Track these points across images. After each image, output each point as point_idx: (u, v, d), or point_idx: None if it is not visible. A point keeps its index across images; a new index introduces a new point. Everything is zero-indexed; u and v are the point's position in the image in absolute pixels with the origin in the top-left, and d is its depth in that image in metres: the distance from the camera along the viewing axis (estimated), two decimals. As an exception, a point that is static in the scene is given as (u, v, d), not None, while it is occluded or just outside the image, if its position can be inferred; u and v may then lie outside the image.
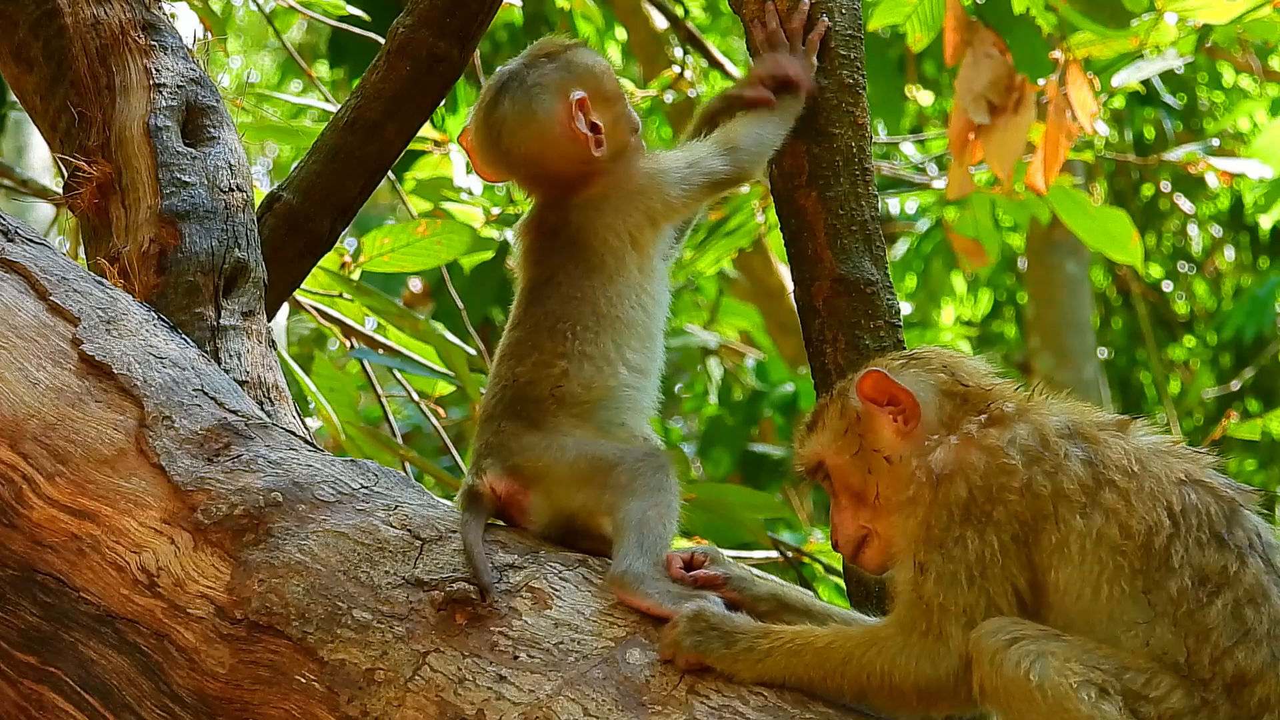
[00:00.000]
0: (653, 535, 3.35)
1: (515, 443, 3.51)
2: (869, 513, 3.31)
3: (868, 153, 3.90)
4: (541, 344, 3.55)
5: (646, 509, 3.37)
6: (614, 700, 3.18)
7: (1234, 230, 14.87)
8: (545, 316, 3.57)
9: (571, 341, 3.54)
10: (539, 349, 3.55)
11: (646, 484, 3.40)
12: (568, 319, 3.55)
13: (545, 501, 3.50)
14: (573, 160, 3.62)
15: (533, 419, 3.52)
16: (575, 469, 3.47)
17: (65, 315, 3.68)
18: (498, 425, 3.55)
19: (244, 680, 3.33)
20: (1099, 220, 7.42)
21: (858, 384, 3.31)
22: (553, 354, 3.54)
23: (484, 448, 3.55)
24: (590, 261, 3.57)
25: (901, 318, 3.86)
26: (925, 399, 3.27)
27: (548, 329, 3.56)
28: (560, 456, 3.48)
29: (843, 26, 3.92)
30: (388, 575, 3.36)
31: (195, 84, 4.40)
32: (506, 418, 3.54)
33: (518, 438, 3.51)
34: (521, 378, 3.55)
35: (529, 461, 3.50)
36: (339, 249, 5.61)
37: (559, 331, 3.55)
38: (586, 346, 3.54)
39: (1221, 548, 3.10)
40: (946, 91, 13.46)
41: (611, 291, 3.57)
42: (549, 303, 3.58)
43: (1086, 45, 6.65)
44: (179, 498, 3.46)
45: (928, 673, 3.13)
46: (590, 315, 3.55)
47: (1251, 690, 3.05)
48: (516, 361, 3.57)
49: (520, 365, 3.56)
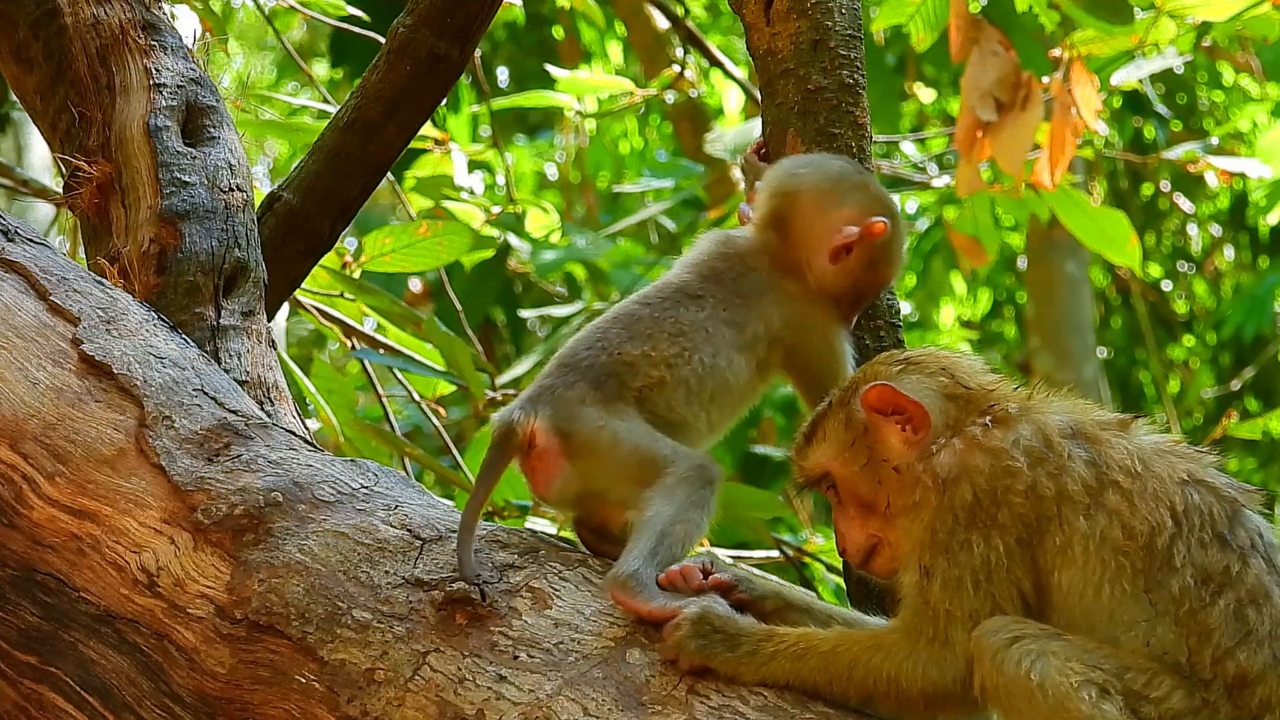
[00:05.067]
0: (668, 550, 3.31)
1: (580, 408, 3.45)
2: (878, 521, 3.29)
3: (868, 153, 3.90)
4: (659, 342, 3.52)
5: (676, 520, 3.34)
6: (614, 700, 3.18)
7: (1234, 229, 14.88)
8: (676, 324, 3.54)
9: (684, 365, 3.51)
10: (654, 344, 3.52)
11: (689, 496, 3.37)
12: (692, 344, 3.53)
13: (580, 478, 3.45)
14: (813, 255, 3.64)
15: (608, 395, 3.46)
16: (628, 459, 3.43)
17: (65, 315, 3.68)
18: (572, 381, 3.48)
19: (244, 680, 3.33)
20: (1098, 221, 7.41)
21: (863, 397, 3.28)
22: (662, 359, 3.50)
23: (544, 393, 3.48)
24: (741, 323, 3.58)
25: (901, 317, 3.85)
26: (930, 405, 3.26)
27: (670, 335, 3.53)
28: (618, 441, 3.43)
29: (843, 26, 3.92)
30: (388, 575, 3.36)
31: (195, 84, 4.40)
32: (586, 380, 3.47)
33: (584, 404, 3.45)
34: (624, 356, 3.50)
35: (584, 431, 3.44)
36: (339, 249, 5.61)
37: (680, 347, 3.52)
38: (691, 379, 3.51)
39: (1224, 548, 3.10)
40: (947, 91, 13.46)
41: (735, 357, 3.55)
42: (686, 315, 3.56)
43: (1087, 43, 6.65)
44: (179, 498, 3.46)
45: (934, 678, 3.12)
46: (710, 357, 3.52)
47: (1253, 691, 3.05)
48: (629, 337, 3.53)
49: (631, 344, 3.51)
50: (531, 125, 14.35)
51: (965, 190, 7.10)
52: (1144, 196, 14.69)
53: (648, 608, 3.26)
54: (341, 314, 6.05)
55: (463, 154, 7.74)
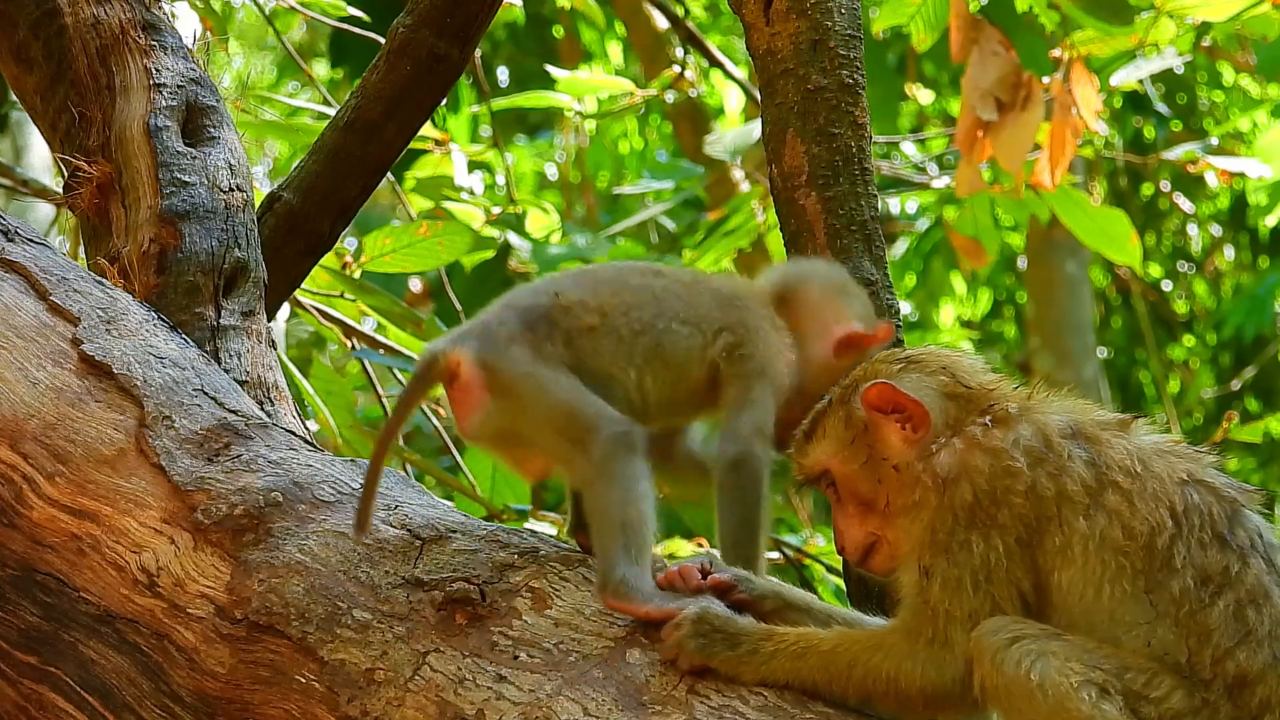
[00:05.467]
0: (636, 538, 3.29)
1: (509, 346, 3.41)
2: (878, 519, 3.29)
3: (868, 153, 3.90)
4: (600, 291, 3.49)
5: (626, 502, 3.31)
6: (614, 700, 3.18)
7: (1234, 229, 14.88)
8: (623, 282, 3.53)
9: (619, 315, 3.48)
10: (595, 293, 3.49)
11: (621, 470, 3.33)
12: (635, 300, 3.50)
13: (501, 414, 3.41)
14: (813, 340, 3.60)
15: (538, 336, 3.43)
16: (551, 409, 3.39)
17: (65, 315, 3.68)
18: (506, 319, 3.45)
19: (244, 680, 3.33)
20: (1098, 220, 7.41)
21: (864, 395, 3.28)
22: (598, 306, 3.47)
23: (476, 327, 3.46)
24: (694, 304, 3.56)
25: (901, 317, 3.85)
26: (930, 404, 3.26)
27: (614, 287, 3.51)
28: (543, 389, 3.39)
29: (842, 26, 3.92)
30: (388, 575, 3.36)
31: (195, 84, 4.41)
32: (520, 319, 3.44)
33: (513, 342, 3.42)
34: (563, 300, 3.46)
35: (509, 370, 3.40)
36: (339, 249, 5.61)
37: (621, 300, 3.49)
38: (624, 329, 3.48)
39: (1224, 548, 3.10)
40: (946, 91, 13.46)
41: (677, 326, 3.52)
42: (638, 280, 3.55)
43: (1087, 43, 6.65)
44: (179, 498, 3.46)
45: (933, 678, 3.12)
46: (650, 316, 3.51)
47: (1252, 691, 3.04)
48: (576, 286, 3.51)
49: (574, 291, 3.49)
50: (531, 125, 14.36)
51: (966, 190, 7.10)
52: (1144, 196, 14.69)
53: (644, 609, 3.25)
54: (341, 314, 6.05)
55: (463, 154, 7.74)
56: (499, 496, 6.01)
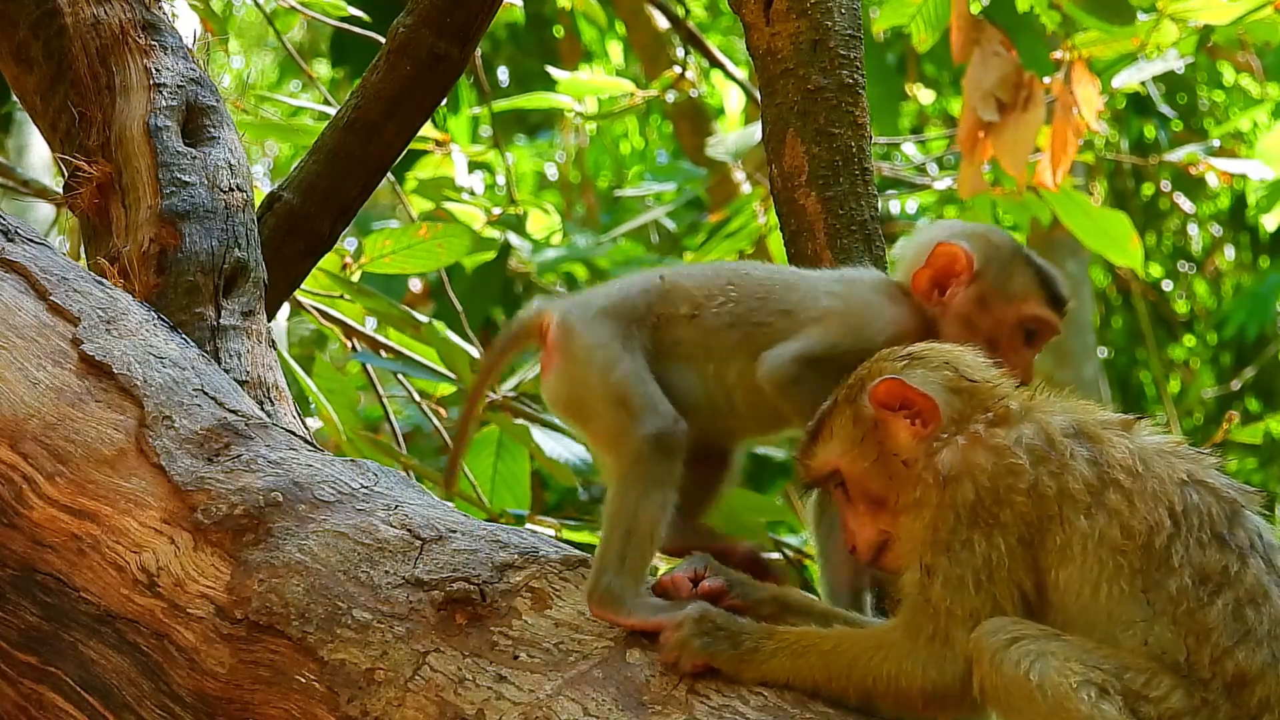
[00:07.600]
0: (636, 548, 3.28)
1: (597, 318, 3.42)
2: (888, 516, 3.28)
3: (868, 153, 3.90)
4: (710, 285, 3.46)
5: (639, 509, 3.30)
6: (614, 700, 3.18)
7: (1234, 229, 14.88)
8: (740, 276, 3.48)
9: (711, 306, 3.44)
10: (703, 284, 3.46)
11: (647, 472, 3.31)
12: (738, 293, 3.45)
13: (567, 382, 3.42)
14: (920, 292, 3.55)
15: (629, 318, 3.42)
16: (608, 388, 3.37)
17: (65, 315, 3.68)
18: (611, 293, 3.45)
19: (244, 680, 3.33)
20: (1099, 222, 7.41)
21: (872, 392, 3.28)
22: (702, 295, 3.44)
23: (583, 295, 3.48)
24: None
25: (902, 317, 3.84)
26: (938, 398, 3.26)
27: (725, 282, 3.46)
28: (609, 366, 3.39)
29: (843, 27, 3.92)
30: (388, 575, 3.36)
31: (195, 84, 4.41)
32: (622, 295, 3.44)
33: (605, 315, 3.42)
34: (668, 283, 3.45)
35: (585, 338, 3.40)
36: (339, 249, 5.61)
37: (726, 296, 3.45)
38: (712, 321, 3.44)
39: (1223, 548, 3.10)
40: (947, 91, 13.46)
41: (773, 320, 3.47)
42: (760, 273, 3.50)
43: (1089, 45, 6.65)
44: (179, 498, 3.46)
45: (934, 678, 3.12)
46: (742, 308, 3.46)
47: (1251, 690, 3.04)
48: (690, 275, 3.49)
49: (686, 280, 3.47)
50: (532, 126, 14.36)
51: (968, 191, 7.10)
52: (1144, 196, 14.69)
53: (629, 621, 3.24)
54: (342, 315, 6.05)
55: (463, 155, 7.75)
56: (498, 500, 6.01)
